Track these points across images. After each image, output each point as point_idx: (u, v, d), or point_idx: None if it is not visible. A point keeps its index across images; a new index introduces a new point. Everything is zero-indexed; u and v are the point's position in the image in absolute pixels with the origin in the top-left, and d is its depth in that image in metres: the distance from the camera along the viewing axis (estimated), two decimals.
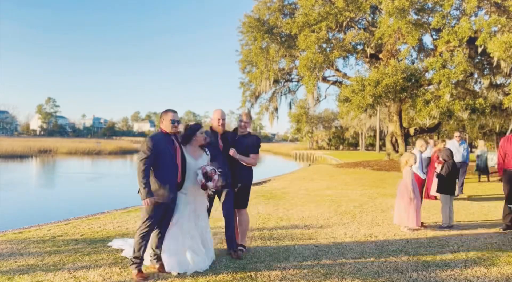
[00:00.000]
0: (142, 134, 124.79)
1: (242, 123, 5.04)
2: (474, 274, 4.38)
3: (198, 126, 4.56)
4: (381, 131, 46.74)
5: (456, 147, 11.21)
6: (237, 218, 5.06)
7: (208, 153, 4.60)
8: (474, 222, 7.34)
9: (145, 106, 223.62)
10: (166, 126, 4.26)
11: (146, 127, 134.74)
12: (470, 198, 10.69)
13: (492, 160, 18.21)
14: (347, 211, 8.45)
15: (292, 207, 8.91)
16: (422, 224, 6.84)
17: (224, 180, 4.49)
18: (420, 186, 7.12)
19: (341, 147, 65.81)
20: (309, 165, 32.05)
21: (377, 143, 47.14)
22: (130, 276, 4.14)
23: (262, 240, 5.80)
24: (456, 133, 11.71)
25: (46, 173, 24.99)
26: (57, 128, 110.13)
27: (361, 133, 58.38)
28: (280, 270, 4.40)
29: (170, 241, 4.35)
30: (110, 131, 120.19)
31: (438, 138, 31.90)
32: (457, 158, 10.91)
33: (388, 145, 25.16)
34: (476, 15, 18.77)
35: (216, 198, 4.94)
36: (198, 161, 4.46)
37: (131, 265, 4.18)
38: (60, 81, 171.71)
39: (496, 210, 8.61)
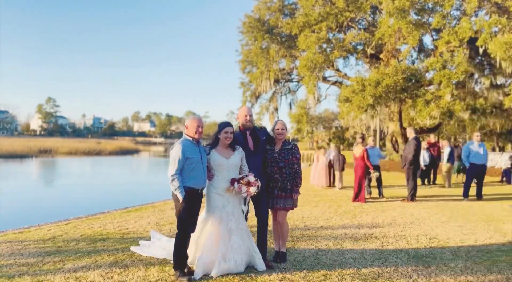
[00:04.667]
0: (142, 134, 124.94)
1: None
2: (474, 274, 4.38)
3: (223, 125, 4.42)
4: (381, 131, 46.77)
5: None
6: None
7: (238, 148, 4.45)
8: (474, 222, 7.33)
9: (145, 106, 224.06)
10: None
11: (146, 127, 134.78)
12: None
13: (492, 160, 18.18)
14: (347, 211, 8.45)
15: None
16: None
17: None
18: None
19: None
20: (309, 165, 32.03)
21: (377, 143, 47.18)
22: (130, 276, 4.14)
23: None
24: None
25: (46, 172, 25.00)
26: (57, 128, 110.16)
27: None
28: (280, 270, 4.40)
29: (204, 247, 4.27)
30: (110, 131, 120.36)
31: (439, 138, 31.90)
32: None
33: (388, 145, 25.18)
34: (476, 15, 18.78)
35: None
36: (230, 160, 4.39)
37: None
38: (60, 81, 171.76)
39: (496, 210, 8.61)
